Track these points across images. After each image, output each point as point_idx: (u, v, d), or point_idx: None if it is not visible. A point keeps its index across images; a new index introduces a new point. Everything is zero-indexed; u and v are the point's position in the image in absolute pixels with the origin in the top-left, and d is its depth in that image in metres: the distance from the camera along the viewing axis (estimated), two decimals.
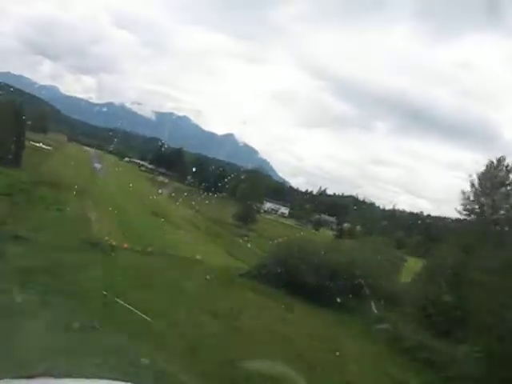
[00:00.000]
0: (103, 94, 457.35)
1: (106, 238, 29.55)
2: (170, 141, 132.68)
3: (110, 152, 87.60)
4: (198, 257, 33.99)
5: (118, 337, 14.07)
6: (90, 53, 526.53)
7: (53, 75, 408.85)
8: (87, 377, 3.57)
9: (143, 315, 17.25)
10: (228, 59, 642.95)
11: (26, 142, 55.11)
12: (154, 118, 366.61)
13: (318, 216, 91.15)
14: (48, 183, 41.42)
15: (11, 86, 77.17)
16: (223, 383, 13.79)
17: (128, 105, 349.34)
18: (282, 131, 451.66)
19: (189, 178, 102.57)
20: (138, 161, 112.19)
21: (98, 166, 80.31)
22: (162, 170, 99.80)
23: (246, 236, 55.58)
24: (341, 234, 74.41)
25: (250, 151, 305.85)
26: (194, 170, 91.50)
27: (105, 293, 18.24)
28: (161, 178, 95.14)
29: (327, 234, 79.51)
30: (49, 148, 76.32)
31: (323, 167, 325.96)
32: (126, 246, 30.34)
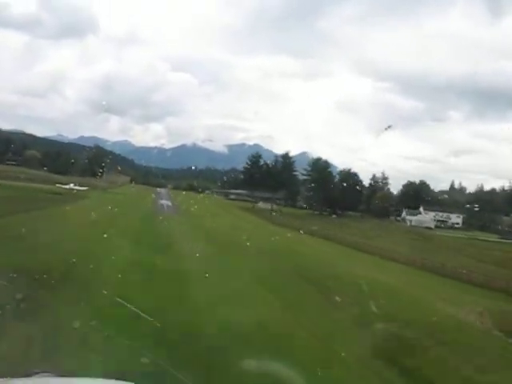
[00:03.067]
0: (174, 138, 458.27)
1: None
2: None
3: (186, 189, 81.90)
4: None
5: None
6: (153, 101, 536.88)
7: (122, 129, 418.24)
8: (87, 377, 3.52)
9: None
10: (288, 80, 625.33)
11: None
12: (226, 151, 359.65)
13: None
14: None
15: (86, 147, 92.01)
16: None
17: (199, 143, 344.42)
18: (353, 140, 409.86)
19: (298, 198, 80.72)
20: (225, 190, 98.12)
21: (163, 202, 63.64)
22: (264, 195, 77.71)
23: None
24: None
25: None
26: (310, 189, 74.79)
27: None
28: (261, 205, 73.47)
29: None
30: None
31: (401, 168, 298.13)
32: None
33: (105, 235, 21.14)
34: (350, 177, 78.34)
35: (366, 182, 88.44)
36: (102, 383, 3.42)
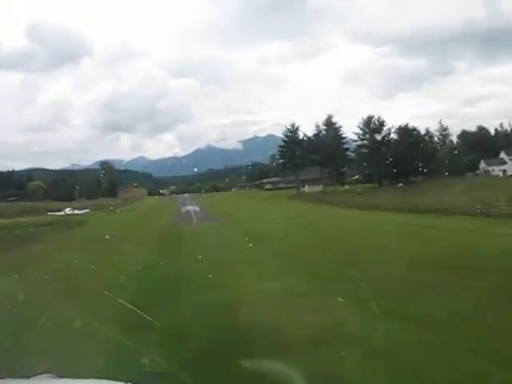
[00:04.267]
0: (187, 145, 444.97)
1: None
2: (265, 161, 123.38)
3: (210, 191, 78.34)
4: None
5: None
6: (159, 111, 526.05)
7: (135, 146, 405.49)
8: (87, 377, 3.21)
9: None
10: (288, 63, 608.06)
11: None
12: (241, 147, 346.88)
13: None
14: None
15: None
16: None
17: (213, 144, 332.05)
18: (367, 110, 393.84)
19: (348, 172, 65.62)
20: (256, 182, 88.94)
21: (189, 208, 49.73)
22: (307, 176, 62.73)
23: None
24: None
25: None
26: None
27: None
28: (307, 189, 58.48)
29: None
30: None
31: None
32: None
33: None
34: (409, 134, 61.72)
35: None
36: (101, 383, 2.97)
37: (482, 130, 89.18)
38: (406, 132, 61.75)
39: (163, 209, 54.17)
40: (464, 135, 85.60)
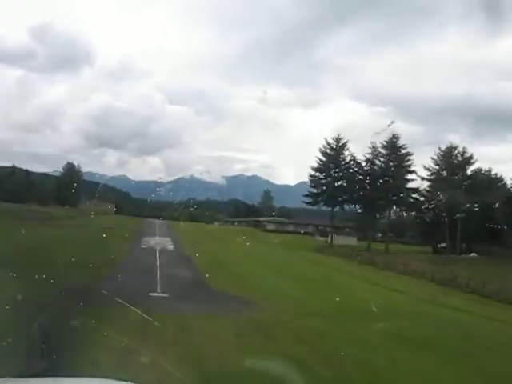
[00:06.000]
0: (171, 171, 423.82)
1: None
2: (245, 200, 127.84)
3: (187, 220, 64.40)
4: None
5: None
6: (150, 134, 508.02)
7: (119, 163, 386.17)
8: (87, 377, 3.42)
9: None
10: (285, 109, 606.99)
11: None
12: (225, 182, 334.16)
13: None
14: None
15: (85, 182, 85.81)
16: None
17: (197, 175, 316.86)
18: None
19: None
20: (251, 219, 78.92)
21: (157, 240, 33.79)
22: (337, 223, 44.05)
23: None
24: None
25: None
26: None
27: None
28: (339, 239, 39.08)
29: None
30: None
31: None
32: None
33: None
34: (496, 184, 42.47)
35: None
36: (102, 383, 3.16)
37: None
38: (493, 180, 42.60)
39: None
40: None
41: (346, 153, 47.88)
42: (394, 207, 47.73)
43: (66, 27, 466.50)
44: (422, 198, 46.16)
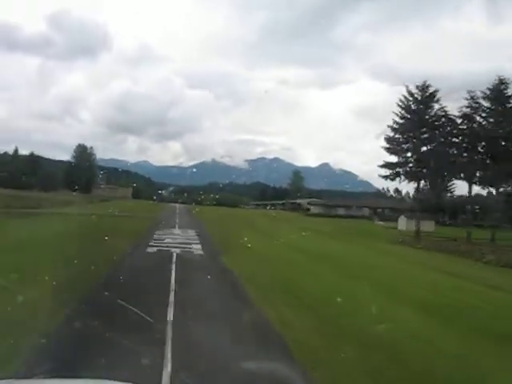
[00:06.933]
0: (193, 156, 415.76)
1: None
2: (268, 183, 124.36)
3: (212, 205, 58.82)
4: None
5: None
6: (170, 119, 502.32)
7: (141, 149, 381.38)
8: (87, 377, 3.24)
9: None
10: (304, 90, 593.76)
11: None
12: (247, 166, 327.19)
13: None
14: None
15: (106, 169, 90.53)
16: None
17: (218, 159, 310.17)
18: (376, 147, 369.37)
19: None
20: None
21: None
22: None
23: None
24: None
25: (349, 176, 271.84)
26: None
27: None
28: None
29: None
30: None
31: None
32: None
33: None
34: None
35: None
36: (102, 383, 3.00)
37: None
38: None
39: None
40: None
41: (436, 106, 35.57)
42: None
43: (82, 13, 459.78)
44: None
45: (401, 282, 12.87)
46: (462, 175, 34.14)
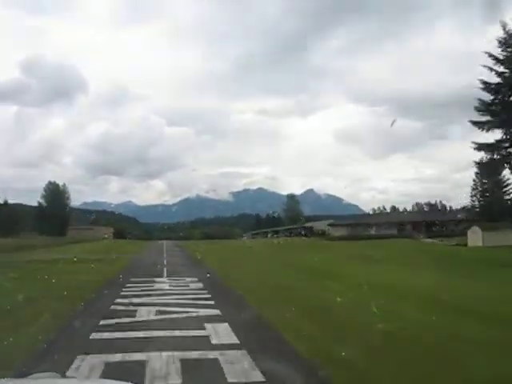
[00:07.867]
0: (177, 192, 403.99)
1: None
2: (253, 213, 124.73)
3: (202, 238, 63.52)
4: None
5: None
6: (151, 158, 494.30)
7: (124, 190, 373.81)
8: (87, 377, 3.27)
9: None
10: (285, 118, 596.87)
11: None
12: (231, 199, 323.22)
13: None
14: None
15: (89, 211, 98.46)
16: None
17: (203, 194, 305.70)
18: (358, 169, 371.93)
19: None
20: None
21: None
22: None
23: None
24: None
25: (334, 200, 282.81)
26: None
27: None
28: None
29: None
30: None
31: (409, 191, 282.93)
32: None
33: None
34: None
35: None
36: (102, 383, 3.10)
37: None
38: None
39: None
40: None
41: None
42: None
43: (56, 58, 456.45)
44: None
45: None
46: None
